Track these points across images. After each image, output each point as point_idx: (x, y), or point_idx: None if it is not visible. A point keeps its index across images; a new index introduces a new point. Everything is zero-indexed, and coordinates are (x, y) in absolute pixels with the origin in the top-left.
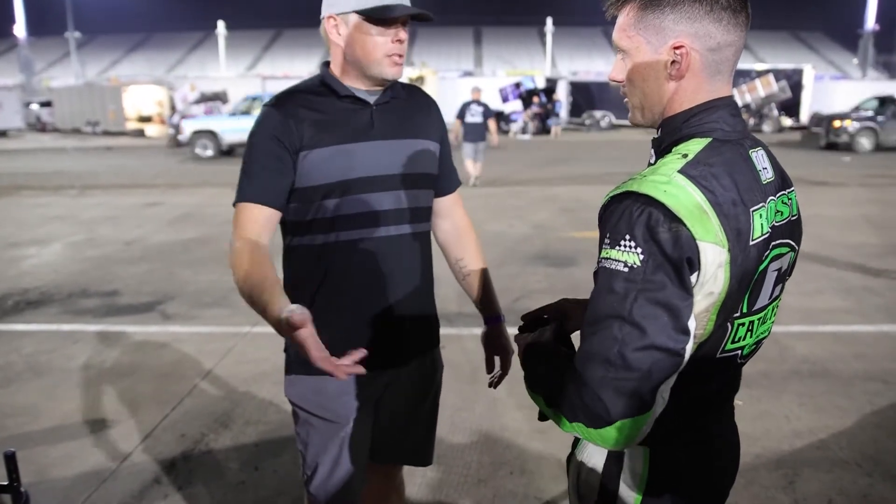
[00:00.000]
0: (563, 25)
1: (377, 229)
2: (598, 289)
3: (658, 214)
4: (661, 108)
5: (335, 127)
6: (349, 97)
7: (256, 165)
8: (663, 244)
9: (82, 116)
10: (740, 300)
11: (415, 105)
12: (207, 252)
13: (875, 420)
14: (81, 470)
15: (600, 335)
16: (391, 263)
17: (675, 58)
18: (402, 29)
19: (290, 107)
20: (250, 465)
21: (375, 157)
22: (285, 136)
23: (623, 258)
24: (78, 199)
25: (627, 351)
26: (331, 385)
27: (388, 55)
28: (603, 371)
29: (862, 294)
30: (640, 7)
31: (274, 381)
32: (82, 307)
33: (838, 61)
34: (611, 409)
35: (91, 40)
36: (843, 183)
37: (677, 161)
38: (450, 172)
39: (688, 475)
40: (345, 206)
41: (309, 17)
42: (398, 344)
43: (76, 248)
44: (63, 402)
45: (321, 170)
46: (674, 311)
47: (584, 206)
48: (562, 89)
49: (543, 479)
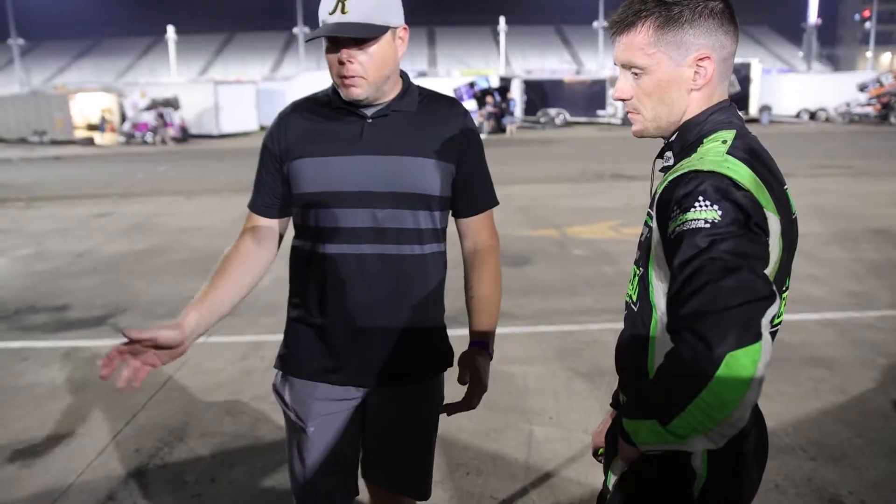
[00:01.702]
0: (516, 24)
1: (351, 245)
2: (681, 251)
3: (727, 181)
4: (676, 117)
5: (322, 138)
6: (343, 109)
7: (257, 174)
8: (739, 201)
9: (28, 126)
10: (786, 274)
11: (426, 119)
12: (161, 262)
13: (820, 406)
14: (31, 491)
15: (696, 289)
16: (366, 281)
17: (699, 69)
18: (344, 52)
19: (292, 117)
20: (206, 477)
21: (354, 171)
22: (273, 145)
23: (702, 216)
24: (25, 212)
25: (725, 284)
26: (298, 386)
27: (339, 76)
28: (713, 305)
29: (807, 282)
30: (658, 26)
31: (230, 392)
32: (31, 323)
33: (784, 55)
34: (733, 334)
35: (35, 47)
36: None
37: (720, 146)
38: (472, 192)
39: (751, 434)
40: (322, 219)
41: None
42: (370, 364)
43: (23, 263)
44: (10, 422)
45: (303, 180)
46: (754, 258)
47: (540, 205)
48: (516, 88)
49: (500, 479)
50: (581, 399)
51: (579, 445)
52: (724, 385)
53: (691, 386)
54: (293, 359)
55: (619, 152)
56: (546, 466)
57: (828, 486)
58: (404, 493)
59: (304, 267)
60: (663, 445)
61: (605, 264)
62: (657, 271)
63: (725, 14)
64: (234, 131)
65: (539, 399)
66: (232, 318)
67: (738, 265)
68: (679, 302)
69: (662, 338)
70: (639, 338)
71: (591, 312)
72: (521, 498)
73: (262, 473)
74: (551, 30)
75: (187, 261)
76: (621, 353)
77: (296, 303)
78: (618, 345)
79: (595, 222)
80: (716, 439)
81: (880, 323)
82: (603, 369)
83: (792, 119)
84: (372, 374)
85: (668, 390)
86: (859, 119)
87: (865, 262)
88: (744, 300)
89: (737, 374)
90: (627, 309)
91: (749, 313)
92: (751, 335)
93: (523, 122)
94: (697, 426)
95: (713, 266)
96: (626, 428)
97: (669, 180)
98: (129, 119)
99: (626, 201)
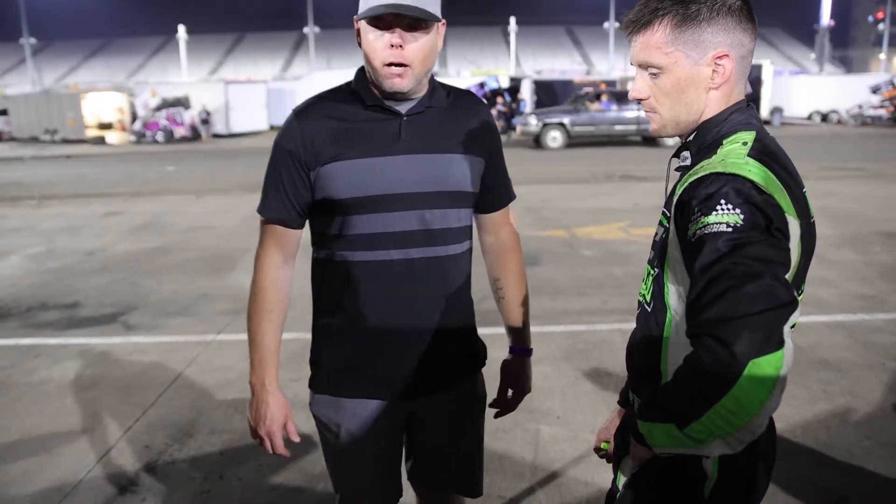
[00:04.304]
0: (526, 25)
1: (399, 251)
2: (702, 255)
3: (749, 185)
4: (695, 117)
5: (358, 139)
6: (376, 106)
7: (271, 179)
8: (761, 205)
9: (40, 125)
10: (802, 278)
11: (458, 114)
12: (171, 261)
13: (828, 408)
14: (42, 486)
15: (718, 294)
16: (415, 288)
17: (717, 67)
18: (400, 33)
19: (313, 117)
20: (215, 474)
21: (400, 172)
22: (300, 151)
23: (723, 220)
24: (36, 210)
25: (747, 291)
26: (347, 406)
27: (385, 63)
28: (735, 311)
29: (817, 285)
30: (676, 24)
31: (239, 389)
32: (42, 320)
33: (796, 56)
34: (756, 341)
35: (47, 46)
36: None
37: (741, 148)
38: (497, 188)
39: (762, 437)
40: (364, 225)
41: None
42: (421, 371)
43: (35, 260)
44: (23, 418)
45: (340, 184)
46: (776, 263)
47: (549, 206)
48: (526, 88)
49: (507, 479)
50: (588, 399)
51: (586, 445)
52: (746, 392)
53: (712, 392)
54: (332, 378)
55: (629, 153)
56: (553, 466)
57: (835, 489)
58: (461, 493)
59: (341, 279)
60: (679, 449)
61: (614, 265)
62: (672, 272)
63: (743, 11)
64: (245, 131)
65: (546, 399)
66: (241, 315)
67: (760, 271)
68: (700, 307)
69: (676, 339)
70: (652, 338)
71: (600, 313)
72: (528, 497)
73: (271, 471)
74: (562, 30)
75: (197, 259)
76: (633, 353)
77: (331, 319)
78: (629, 344)
79: (604, 223)
80: (734, 445)
81: (890, 326)
82: (611, 370)
83: (803, 121)
84: (419, 382)
85: (688, 395)
86: (871, 121)
87: (876, 266)
88: (766, 307)
89: (759, 382)
90: (640, 308)
91: (771, 320)
92: (773, 342)
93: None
94: (716, 431)
95: (735, 271)
96: (641, 430)
97: (689, 182)
98: (140, 118)
99: (635, 202)
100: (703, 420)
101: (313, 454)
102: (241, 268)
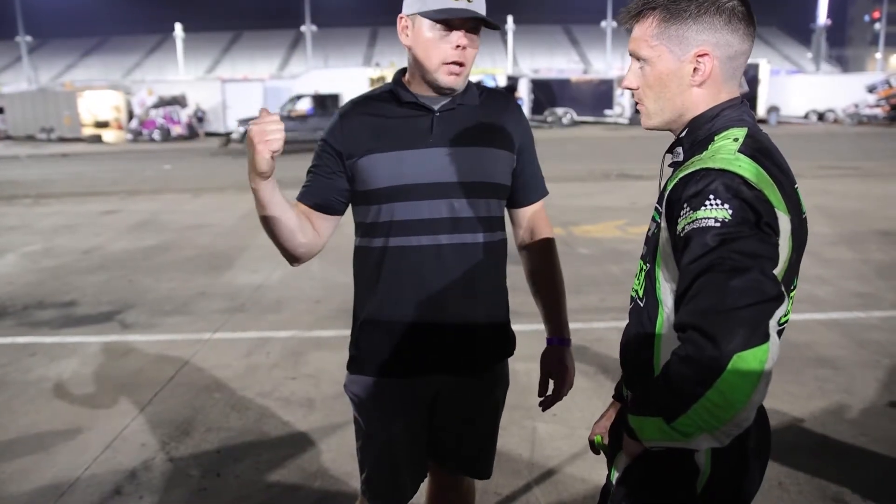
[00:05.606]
0: (524, 23)
1: (428, 237)
2: (690, 249)
3: (738, 180)
4: (679, 111)
5: (392, 133)
6: (411, 103)
7: (311, 168)
8: (750, 200)
9: (36, 123)
10: (795, 273)
11: (488, 112)
12: (168, 259)
13: (824, 405)
14: (39, 484)
15: (705, 288)
16: (443, 272)
17: (698, 65)
18: (464, 35)
19: (353, 114)
20: (212, 471)
21: (429, 164)
22: (336, 142)
23: (712, 214)
24: (33, 208)
25: (734, 285)
26: (379, 385)
27: (446, 62)
28: (722, 305)
29: (813, 283)
30: (663, 19)
31: (235, 387)
32: (39, 319)
33: (793, 56)
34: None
35: (43, 44)
36: None
37: (732, 144)
38: (529, 183)
39: (753, 431)
40: (396, 212)
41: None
42: (446, 351)
43: (32, 259)
44: (19, 416)
45: (374, 175)
46: (764, 258)
47: (547, 204)
48: (523, 87)
49: (504, 476)
50: (585, 396)
51: (583, 442)
52: (731, 385)
53: (697, 385)
54: (366, 359)
55: (626, 152)
56: (549, 463)
57: (831, 485)
58: (472, 474)
59: (377, 264)
60: (668, 443)
61: (611, 263)
62: (664, 268)
63: (736, 13)
64: (242, 129)
65: None
66: (238, 314)
67: (748, 265)
68: (687, 300)
69: (668, 334)
70: (644, 334)
71: (597, 311)
72: (525, 494)
73: (268, 468)
74: (559, 29)
75: (194, 258)
76: (626, 348)
77: (367, 303)
78: (623, 340)
79: (601, 221)
80: (721, 438)
81: (885, 324)
82: (607, 367)
83: (800, 120)
84: (449, 364)
85: (674, 389)
86: (868, 120)
87: (872, 264)
88: (752, 301)
89: (743, 375)
90: (633, 303)
91: (757, 314)
92: (758, 336)
93: (531, 121)
94: (703, 425)
95: (723, 265)
96: (632, 424)
97: (679, 177)
98: (137, 116)
99: (632, 201)
100: (690, 413)
101: (310, 452)
102: (238, 266)
